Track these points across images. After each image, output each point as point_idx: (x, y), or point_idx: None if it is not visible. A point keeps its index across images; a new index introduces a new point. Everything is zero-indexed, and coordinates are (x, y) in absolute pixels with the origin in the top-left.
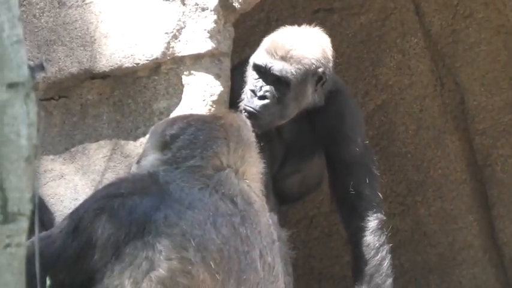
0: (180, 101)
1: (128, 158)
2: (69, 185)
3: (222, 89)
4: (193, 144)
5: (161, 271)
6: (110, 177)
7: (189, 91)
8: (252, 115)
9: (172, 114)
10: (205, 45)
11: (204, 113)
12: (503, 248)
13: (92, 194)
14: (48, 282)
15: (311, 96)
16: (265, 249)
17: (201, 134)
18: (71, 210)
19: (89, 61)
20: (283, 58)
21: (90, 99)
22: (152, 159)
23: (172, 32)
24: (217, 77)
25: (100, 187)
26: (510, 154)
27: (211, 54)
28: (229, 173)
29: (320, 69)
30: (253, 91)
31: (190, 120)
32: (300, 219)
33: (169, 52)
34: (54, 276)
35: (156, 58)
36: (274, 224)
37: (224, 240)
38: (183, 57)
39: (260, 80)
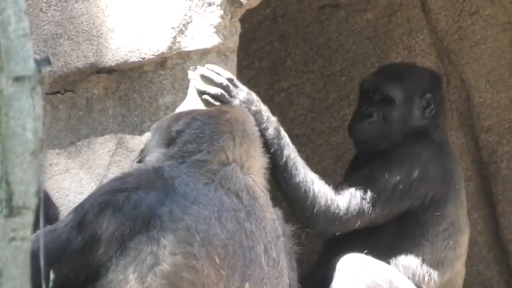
0: (185, 96)
1: (133, 152)
2: (74, 179)
3: None
4: (200, 139)
5: (166, 266)
6: (115, 171)
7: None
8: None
9: (178, 109)
10: (212, 40)
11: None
12: (508, 245)
13: (97, 188)
14: (52, 276)
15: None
16: (269, 245)
17: (207, 129)
18: (76, 205)
19: (95, 55)
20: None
21: (95, 93)
22: (157, 154)
23: (179, 26)
24: None
25: (105, 181)
26: None
27: (217, 50)
28: (235, 168)
29: (428, 95)
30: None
31: (195, 115)
32: None
33: (176, 47)
34: (59, 270)
35: (162, 53)
36: (279, 219)
37: (229, 235)
38: (189, 52)
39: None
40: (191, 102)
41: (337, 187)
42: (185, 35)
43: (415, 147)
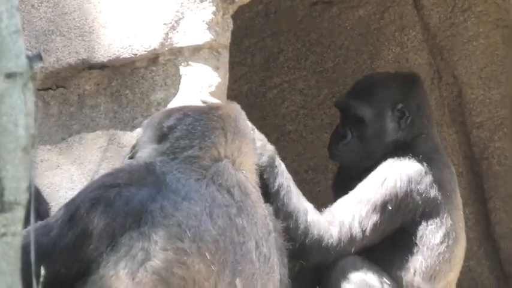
0: (177, 92)
1: (124, 148)
2: (66, 175)
3: (220, 80)
4: (192, 135)
5: (157, 262)
6: (106, 167)
7: (187, 82)
8: None
9: (170, 105)
10: (204, 36)
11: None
12: (499, 241)
13: (88, 184)
14: (42, 271)
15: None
16: (261, 240)
17: (198, 125)
18: (67, 200)
19: (87, 51)
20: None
21: (87, 89)
22: (149, 150)
23: (171, 23)
24: (216, 68)
25: (96, 177)
26: (507, 147)
27: (209, 46)
28: (227, 164)
29: (400, 105)
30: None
31: (187, 111)
32: None
33: (168, 43)
34: (50, 266)
35: (154, 49)
36: (270, 215)
37: (220, 231)
38: (181, 48)
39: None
40: (183, 99)
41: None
42: (177, 31)
43: (396, 163)
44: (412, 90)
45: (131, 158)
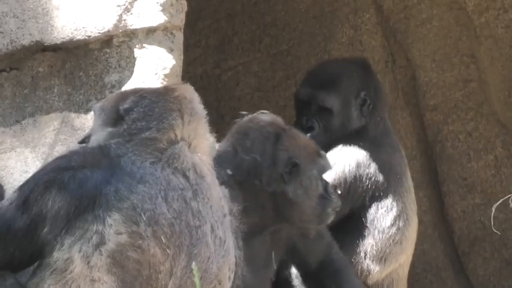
0: (132, 74)
1: (78, 131)
2: (20, 157)
3: (174, 62)
4: (149, 117)
5: (111, 245)
6: (60, 150)
7: (141, 64)
8: None
9: (124, 88)
10: (158, 18)
11: (156, 86)
12: (453, 224)
13: (42, 166)
14: None
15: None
16: (216, 224)
17: (156, 106)
18: (21, 183)
19: (41, 33)
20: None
21: (41, 71)
22: (104, 134)
23: (125, 4)
24: (170, 50)
25: (50, 160)
26: (460, 130)
27: (163, 28)
28: (183, 146)
29: (363, 93)
30: None
31: (143, 93)
32: None
33: (122, 25)
34: (4, 249)
35: (108, 31)
36: (225, 198)
37: (175, 214)
38: (135, 30)
39: None
40: (137, 81)
41: None
42: (131, 13)
43: (345, 149)
44: (368, 75)
45: (83, 142)
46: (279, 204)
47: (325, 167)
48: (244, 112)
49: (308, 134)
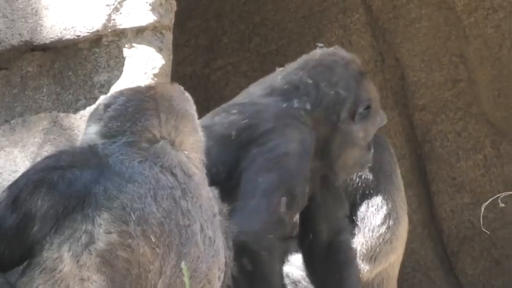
0: (121, 73)
1: (67, 130)
2: (9, 157)
3: (163, 62)
4: (123, 117)
5: (100, 244)
6: (49, 149)
7: (131, 64)
8: None
9: (113, 87)
10: (147, 18)
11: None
12: (442, 223)
13: (31, 166)
14: None
15: None
16: (206, 223)
17: (129, 106)
18: (10, 183)
19: (30, 33)
20: None
21: (30, 71)
22: (90, 131)
23: (114, 4)
24: (159, 50)
25: (39, 159)
26: (449, 130)
27: (153, 27)
28: (164, 145)
29: None
30: None
31: (123, 90)
32: None
33: (111, 24)
34: None
35: (97, 30)
36: (215, 198)
37: (165, 213)
38: (124, 29)
39: None
40: (127, 81)
41: None
42: (120, 13)
43: None
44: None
45: None
46: (335, 143)
47: (384, 120)
48: (320, 44)
49: None
